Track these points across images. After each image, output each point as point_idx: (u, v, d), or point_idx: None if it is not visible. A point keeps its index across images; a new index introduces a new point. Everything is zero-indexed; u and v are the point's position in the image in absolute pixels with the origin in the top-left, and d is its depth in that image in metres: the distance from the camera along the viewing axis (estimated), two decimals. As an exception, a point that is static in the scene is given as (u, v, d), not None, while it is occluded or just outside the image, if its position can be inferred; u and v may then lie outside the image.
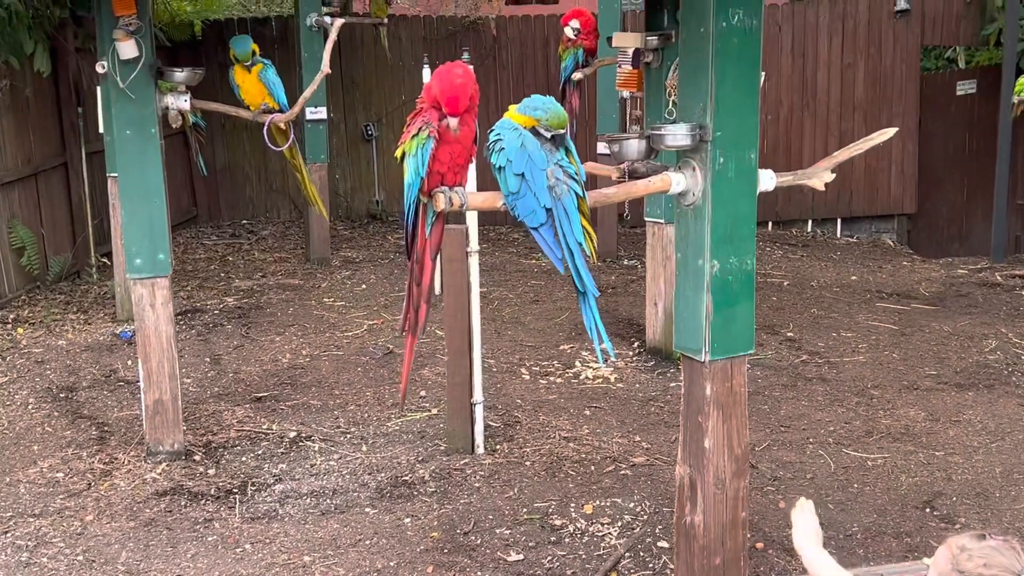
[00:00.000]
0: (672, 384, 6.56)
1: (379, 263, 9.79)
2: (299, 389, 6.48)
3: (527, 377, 6.69)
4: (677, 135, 3.49)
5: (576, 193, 3.29)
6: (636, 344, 7.24)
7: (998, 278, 9.54)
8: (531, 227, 3.33)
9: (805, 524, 2.35)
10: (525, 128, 3.26)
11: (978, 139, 12.01)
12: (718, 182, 3.51)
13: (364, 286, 8.95)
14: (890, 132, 3.90)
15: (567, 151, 3.31)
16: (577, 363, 6.93)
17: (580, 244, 3.24)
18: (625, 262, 9.75)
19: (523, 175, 3.24)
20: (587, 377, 6.70)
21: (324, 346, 7.31)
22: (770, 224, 11.70)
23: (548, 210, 3.27)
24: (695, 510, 3.75)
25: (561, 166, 3.27)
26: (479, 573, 4.33)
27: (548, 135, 3.25)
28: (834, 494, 5.05)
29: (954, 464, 5.39)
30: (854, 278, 9.54)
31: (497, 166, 3.29)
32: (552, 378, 6.68)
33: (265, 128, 5.28)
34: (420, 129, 3.21)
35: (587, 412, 6.07)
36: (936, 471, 5.31)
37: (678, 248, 3.69)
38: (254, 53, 5.48)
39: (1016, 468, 5.33)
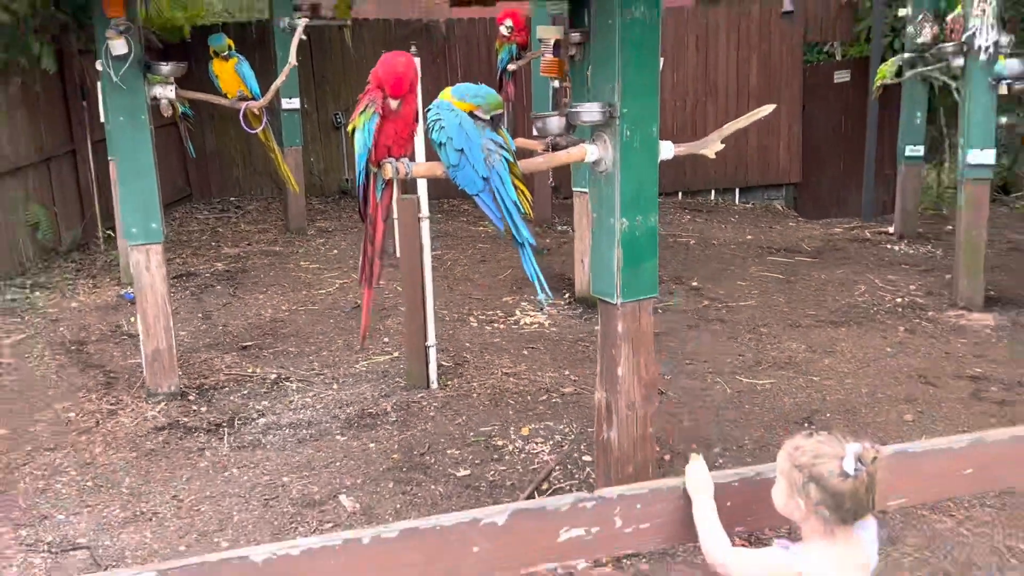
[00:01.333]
0: (596, 327, 6.56)
1: (349, 232, 9.69)
2: (279, 339, 6.42)
3: (475, 324, 6.67)
4: (591, 112, 3.47)
5: (507, 160, 3.27)
6: (567, 295, 7.25)
7: (867, 235, 9.65)
8: (471, 193, 3.31)
9: (697, 475, 2.34)
10: (463, 111, 3.23)
11: (852, 120, 12.12)
12: (626, 152, 3.50)
13: (336, 251, 8.87)
14: (768, 108, 3.91)
15: (497, 128, 3.29)
16: (517, 312, 6.92)
17: (515, 203, 3.22)
18: (559, 228, 9.73)
19: (462, 150, 3.22)
20: (525, 323, 6.69)
21: (301, 302, 7.24)
22: (680, 194, 11.74)
23: (485, 179, 3.26)
24: (611, 428, 3.77)
25: (493, 140, 3.24)
26: (432, 487, 4.33)
27: (487, 117, 3.23)
28: (729, 413, 5.10)
29: (828, 387, 5.46)
30: (749, 237, 9.61)
31: (438, 142, 3.27)
32: (496, 325, 6.67)
33: (241, 113, 5.18)
34: (366, 107, 3.17)
35: (525, 352, 6.07)
36: (813, 393, 5.38)
37: (594, 209, 3.68)
38: (229, 47, 5.36)
39: (879, 389, 5.41)
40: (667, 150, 3.65)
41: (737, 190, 12.04)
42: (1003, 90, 6.61)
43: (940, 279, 7.78)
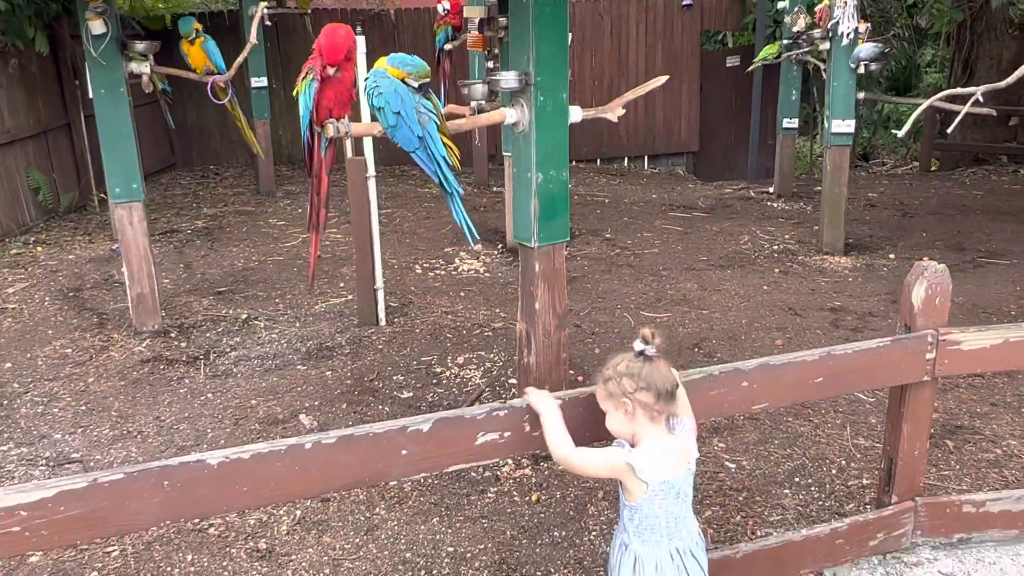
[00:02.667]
0: (523, 272, 6.55)
1: (313, 194, 9.50)
2: (250, 284, 6.27)
3: (419, 271, 6.59)
4: (509, 80, 3.39)
5: (435, 121, 3.19)
6: (500, 246, 7.19)
7: (751, 194, 9.72)
8: (408, 151, 3.22)
9: (539, 395, 2.37)
10: (397, 78, 3.13)
11: (741, 99, 12.14)
12: (540, 115, 3.43)
13: (300, 210, 8.66)
14: (662, 79, 3.87)
15: (426, 95, 3.20)
16: (456, 260, 6.85)
17: (444, 157, 3.14)
18: (494, 189, 9.64)
19: (399, 112, 3.12)
20: (463, 270, 6.63)
21: (269, 253, 7.09)
22: (598, 160, 11.72)
23: (420, 137, 3.17)
24: (530, 353, 3.75)
25: (424, 105, 3.16)
26: (380, 407, 4.28)
27: (416, 84, 3.13)
28: (632, 342, 5.11)
29: (715, 319, 5.51)
30: (654, 196, 9.62)
31: (377, 107, 3.16)
32: (437, 271, 6.60)
33: (208, 86, 4.99)
34: (307, 73, 3.05)
35: (462, 294, 6.02)
36: (703, 324, 5.42)
37: (514, 165, 3.62)
38: (196, 30, 5.15)
39: (756, 320, 5.48)
40: (575, 114, 3.59)
41: (646, 157, 12.04)
42: (861, 70, 6.65)
43: (809, 230, 7.88)
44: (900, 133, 5.21)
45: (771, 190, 9.67)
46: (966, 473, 3.66)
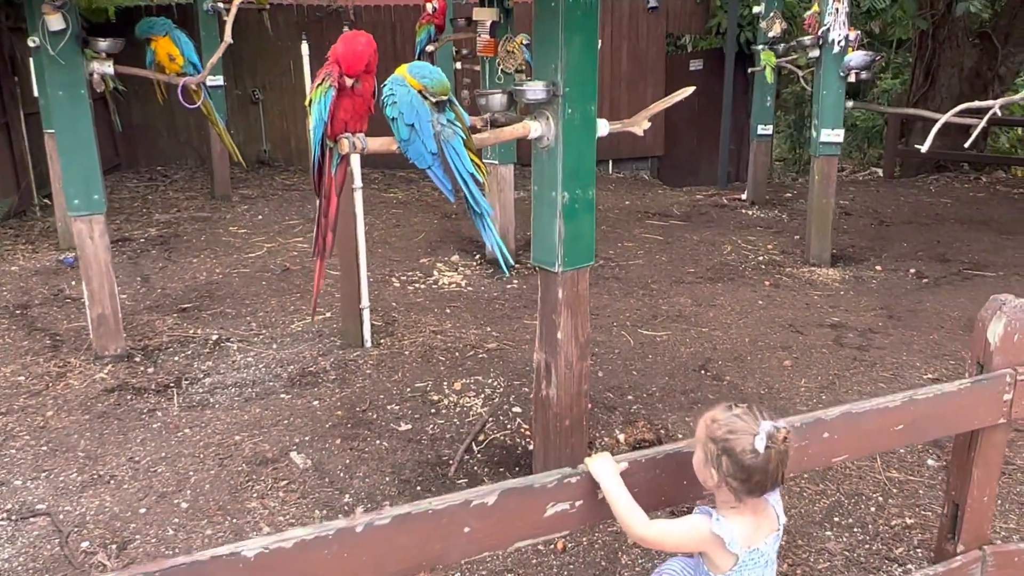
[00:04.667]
0: (508, 287, 6.25)
1: (270, 198, 9.06)
2: (216, 300, 5.85)
3: (397, 285, 6.25)
4: (536, 91, 3.09)
5: (461, 136, 2.88)
6: (478, 256, 6.88)
7: (724, 201, 9.59)
8: (422, 167, 2.91)
9: (599, 462, 2.07)
10: (415, 89, 2.82)
11: (704, 103, 12.03)
12: (567, 129, 3.15)
13: (260, 216, 8.23)
14: (688, 91, 3.61)
15: (451, 104, 2.89)
16: (435, 272, 6.52)
17: (472, 174, 2.83)
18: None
19: (413, 125, 2.81)
20: (443, 283, 6.30)
21: (233, 265, 6.65)
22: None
23: (434, 154, 2.86)
24: (550, 386, 3.46)
25: (448, 118, 2.84)
26: (377, 441, 3.94)
27: (433, 100, 2.82)
28: (635, 364, 4.86)
29: (716, 337, 5.29)
30: (627, 203, 9.42)
31: (391, 117, 2.84)
32: (417, 285, 6.26)
33: (180, 89, 4.57)
34: (323, 80, 2.70)
35: (448, 310, 5.69)
36: (705, 343, 5.20)
37: (535, 182, 3.32)
38: (153, 25, 4.69)
39: (759, 338, 5.28)
40: (603, 127, 3.32)
41: (611, 161, 11.84)
42: (851, 78, 6.53)
43: (790, 239, 7.75)
44: (923, 148, 5.07)
45: (743, 197, 9.55)
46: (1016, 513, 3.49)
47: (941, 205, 9.45)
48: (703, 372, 4.76)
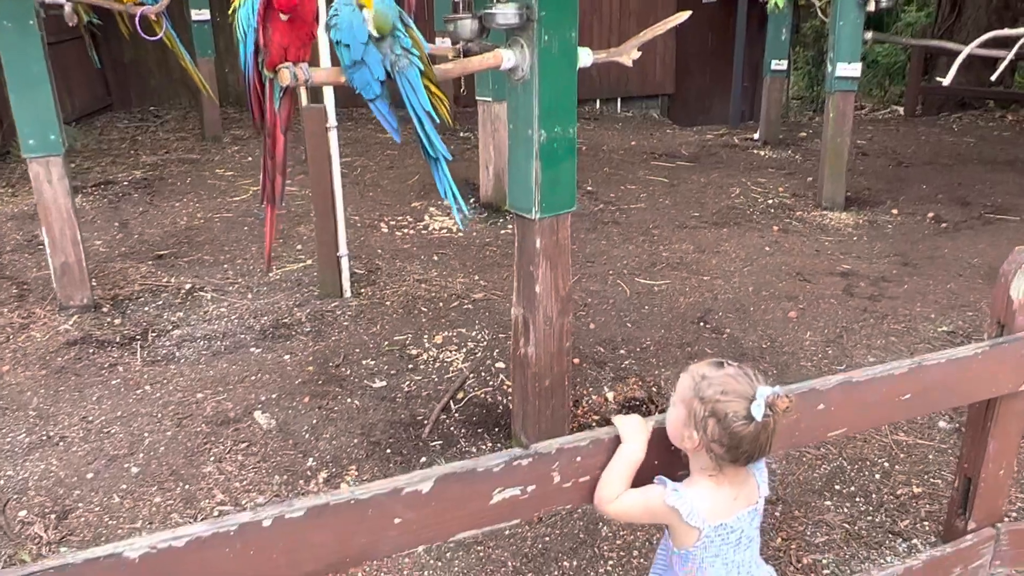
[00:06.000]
0: (502, 232, 5.95)
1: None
2: (194, 247, 5.58)
3: (385, 230, 5.95)
4: (508, 14, 2.75)
5: (418, 67, 2.55)
6: (472, 200, 6.57)
7: (735, 141, 9.18)
8: (367, 99, 2.58)
9: (627, 424, 1.81)
10: (366, 8, 2.46)
11: (717, 39, 11.56)
12: (544, 58, 2.81)
13: (250, 158, 7.92)
14: (683, 16, 3.25)
15: (407, 27, 2.55)
16: (426, 217, 6.22)
17: (429, 112, 2.51)
18: (461, 134, 8.96)
19: (354, 48, 2.46)
20: (434, 228, 6.00)
21: (216, 209, 6.37)
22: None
23: (382, 82, 2.53)
24: (528, 343, 3.18)
25: (402, 45, 2.51)
26: (348, 400, 3.70)
27: (375, 33, 2.44)
28: (631, 315, 4.58)
29: (718, 286, 4.99)
30: (633, 143, 9.02)
31: (336, 40, 2.51)
32: (406, 230, 5.96)
33: (136, 19, 4.23)
34: None
35: (435, 258, 5.40)
36: (705, 292, 4.90)
37: (510, 120, 3.00)
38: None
39: (763, 287, 4.97)
40: (585, 57, 2.98)
41: (619, 100, 11.39)
42: (871, 7, 6.08)
43: (803, 181, 7.38)
44: (945, 81, 4.68)
45: (756, 136, 9.14)
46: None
47: (964, 145, 9.00)
48: (702, 324, 4.47)
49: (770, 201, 6.78)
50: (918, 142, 9.14)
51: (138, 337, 4.30)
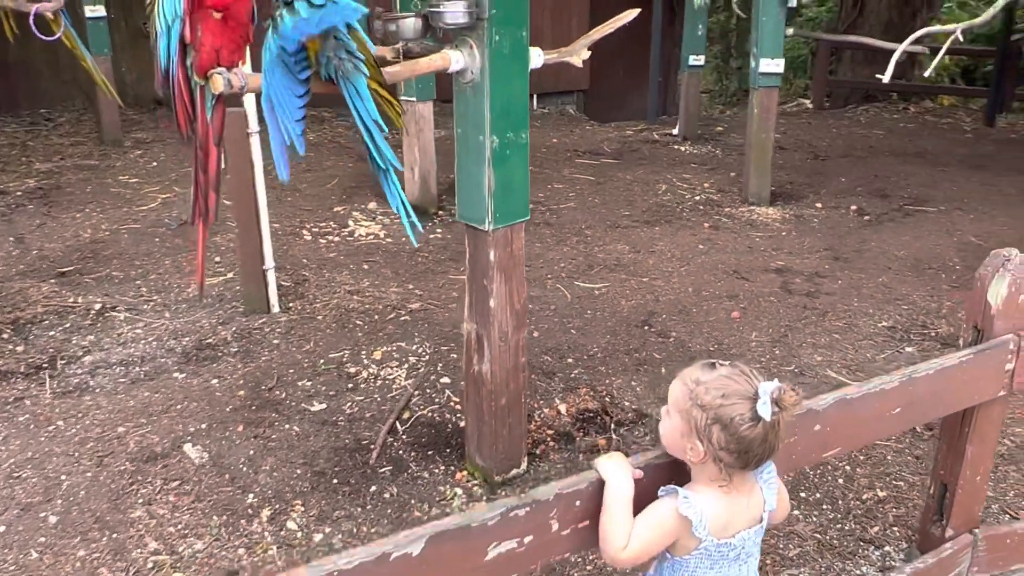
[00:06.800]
0: (431, 237, 5.74)
1: (167, 142, 8.23)
2: (101, 262, 5.17)
3: (308, 238, 5.66)
4: (456, 12, 2.56)
5: (362, 72, 2.33)
6: (396, 203, 6.32)
7: (656, 136, 9.20)
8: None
9: (607, 464, 1.68)
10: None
11: (630, 33, 11.52)
12: (495, 59, 2.64)
13: (155, 163, 7.46)
14: (633, 13, 3.13)
15: (351, 28, 2.32)
16: (351, 222, 5.95)
17: (377, 121, 2.30)
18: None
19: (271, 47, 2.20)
20: (360, 235, 5.75)
21: (122, 220, 5.94)
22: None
23: (306, 80, 2.22)
24: (482, 361, 3.01)
25: (347, 48, 2.28)
26: (287, 426, 3.44)
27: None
28: (573, 321, 4.45)
29: (658, 287, 4.92)
30: (554, 140, 8.93)
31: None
32: (330, 237, 5.69)
33: (31, 17, 3.85)
34: None
35: (365, 266, 5.16)
36: (646, 294, 4.81)
37: (459, 124, 2.81)
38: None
39: (703, 286, 4.93)
40: (537, 58, 2.83)
41: (535, 96, 11.27)
42: (792, 2, 6.12)
43: (727, 176, 7.42)
44: (885, 78, 4.71)
45: (675, 132, 9.18)
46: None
47: (874, 137, 9.24)
48: (647, 328, 4.38)
49: (697, 197, 6.77)
50: (830, 135, 9.35)
51: (45, 366, 3.93)
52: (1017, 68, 10.21)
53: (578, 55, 3.00)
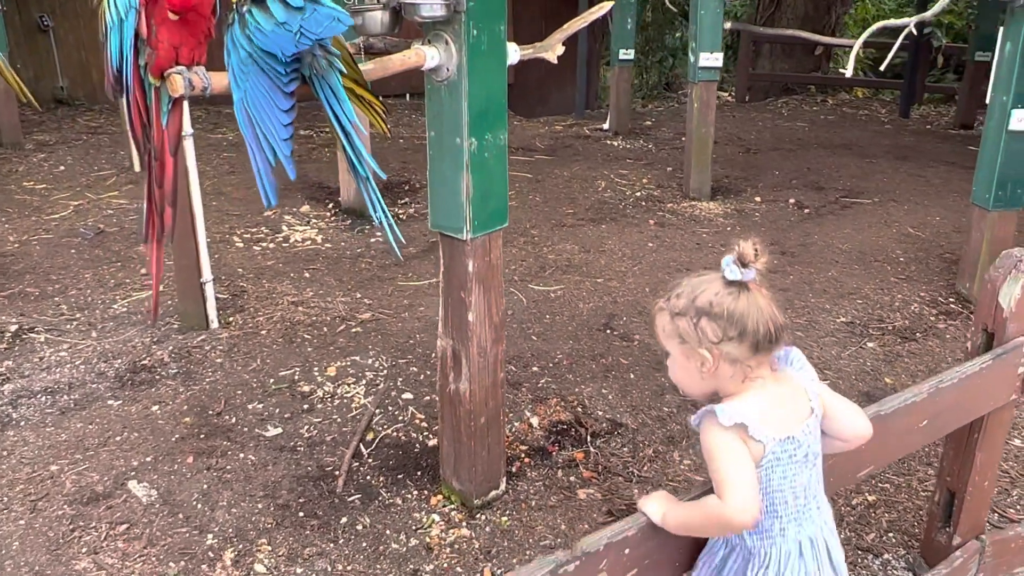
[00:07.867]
0: (372, 240, 5.48)
1: (73, 145, 7.71)
2: (12, 278, 4.74)
3: (241, 245, 5.33)
4: (432, 5, 2.35)
5: (337, 70, 2.11)
6: (331, 205, 6.04)
7: (586, 131, 9.12)
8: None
9: (651, 502, 1.55)
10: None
11: (553, 27, 11.45)
12: (473, 56, 2.45)
13: (63, 167, 6.96)
14: (607, 6, 2.98)
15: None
16: (284, 227, 5.64)
17: (355, 123, 2.08)
18: (301, 132, 8.31)
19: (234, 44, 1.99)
20: (296, 240, 5.44)
21: (32, 230, 5.48)
22: (407, 95, 10.59)
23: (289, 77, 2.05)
24: (460, 378, 2.82)
25: (322, 45, 2.06)
26: (241, 455, 3.17)
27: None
28: (533, 327, 4.29)
29: (614, 288, 4.80)
30: (486, 137, 8.72)
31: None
32: (264, 244, 5.37)
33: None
34: None
35: (306, 275, 4.87)
36: (603, 295, 4.69)
37: (431, 126, 2.61)
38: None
39: (658, 285, 4.83)
40: (513, 53, 2.66)
41: (460, 92, 11.07)
42: (729, -3, 6.09)
43: (664, 171, 7.38)
44: (847, 72, 4.68)
45: (605, 127, 9.11)
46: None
47: (799, 129, 9.38)
48: (609, 331, 4.25)
49: (638, 193, 6.70)
50: (756, 128, 9.44)
51: (-43, 397, 3.54)
52: (928, 61, 10.53)
53: (553, 50, 2.84)
